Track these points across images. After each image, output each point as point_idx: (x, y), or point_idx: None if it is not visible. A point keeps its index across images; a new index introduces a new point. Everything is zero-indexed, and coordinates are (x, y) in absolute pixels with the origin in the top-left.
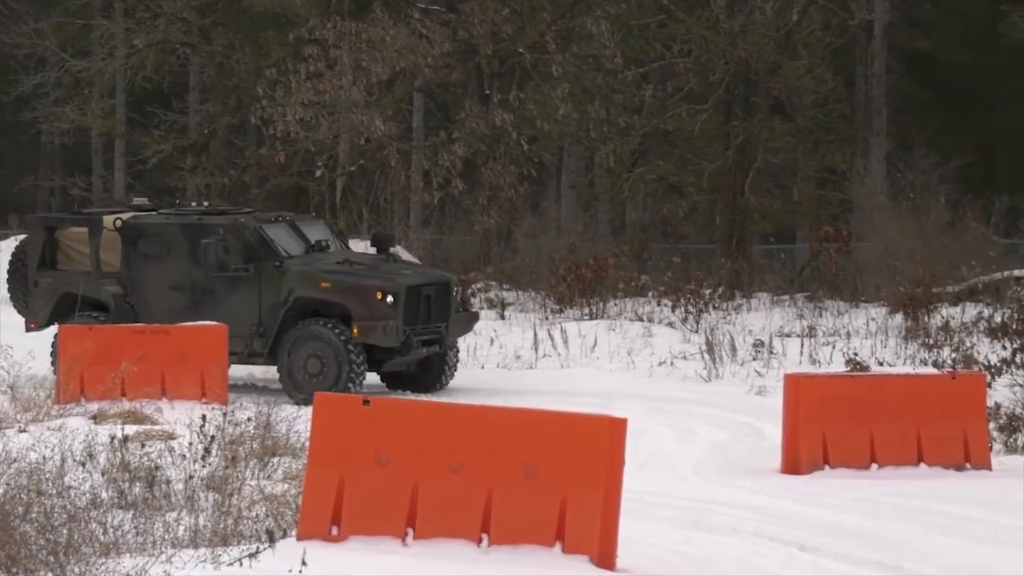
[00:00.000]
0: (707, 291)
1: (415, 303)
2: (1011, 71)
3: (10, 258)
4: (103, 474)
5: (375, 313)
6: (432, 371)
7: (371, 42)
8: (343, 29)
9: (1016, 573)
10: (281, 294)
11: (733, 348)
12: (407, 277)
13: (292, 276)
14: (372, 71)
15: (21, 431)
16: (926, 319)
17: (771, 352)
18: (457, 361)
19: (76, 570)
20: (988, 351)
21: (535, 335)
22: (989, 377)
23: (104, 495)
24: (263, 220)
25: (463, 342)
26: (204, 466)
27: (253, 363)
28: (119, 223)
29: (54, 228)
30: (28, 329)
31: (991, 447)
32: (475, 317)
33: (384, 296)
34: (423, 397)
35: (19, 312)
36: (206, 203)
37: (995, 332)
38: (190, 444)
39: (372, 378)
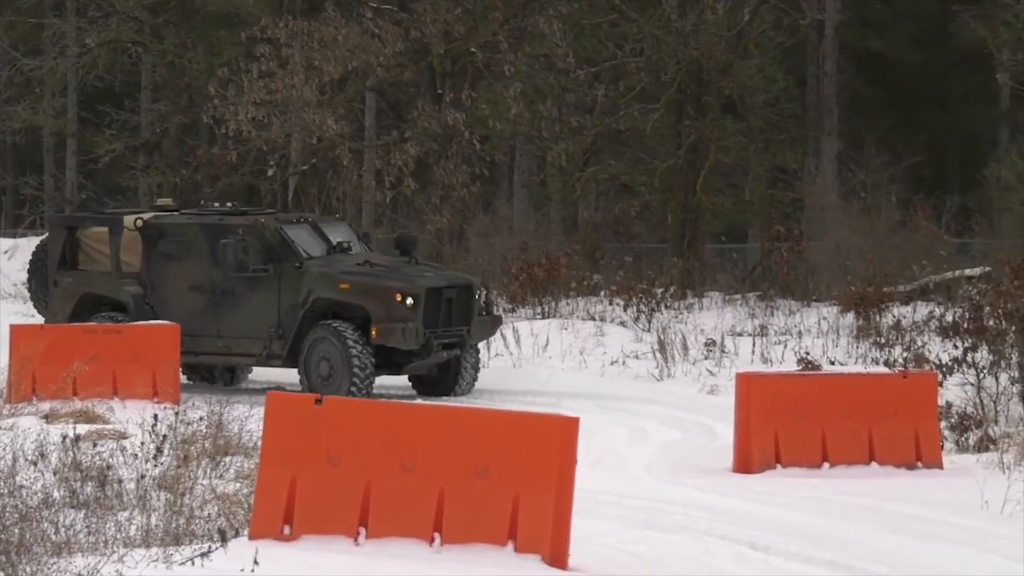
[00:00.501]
0: (659, 290)
1: (436, 306)
2: (962, 71)
3: (31, 257)
4: (55, 473)
5: (394, 315)
6: (450, 375)
7: (323, 41)
8: (295, 28)
9: (966, 572)
10: (300, 295)
11: (685, 347)
12: (428, 279)
13: (312, 277)
14: (324, 70)
15: None
16: (877, 318)
17: (723, 351)
18: (478, 365)
19: (28, 569)
20: (939, 350)
21: None
22: (940, 376)
23: (56, 494)
24: (284, 221)
25: None
26: (156, 465)
27: (271, 365)
28: (140, 223)
29: (74, 227)
30: None
31: (942, 446)
32: (498, 321)
33: (404, 298)
34: (447, 400)
35: (40, 312)
36: (229, 204)
37: (946, 331)
38: (142, 443)
39: (400, 382)
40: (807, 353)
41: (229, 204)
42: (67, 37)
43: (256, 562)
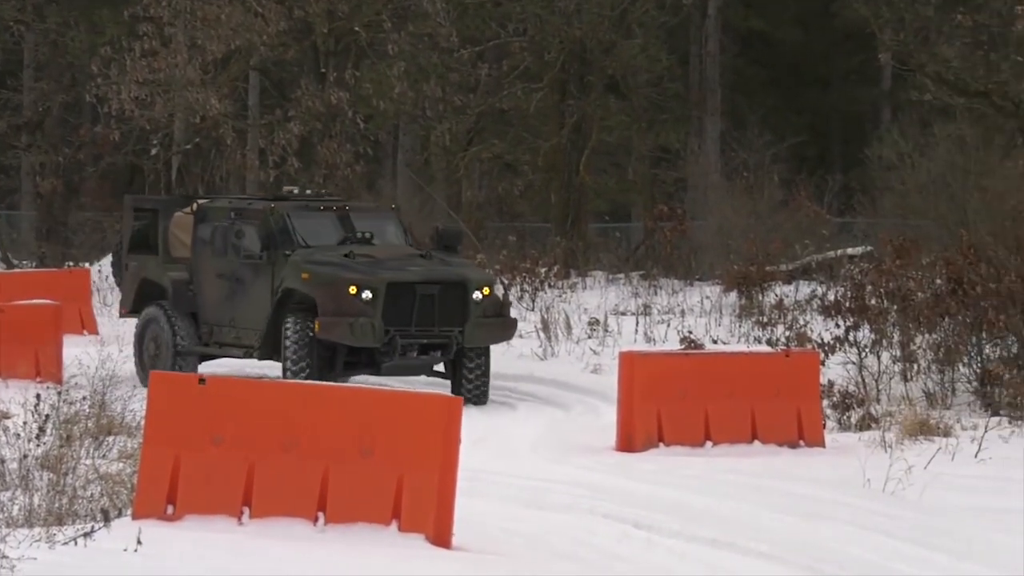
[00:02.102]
0: (543, 269)
1: (406, 302)
2: (844, 50)
3: (116, 241)
4: None
5: (345, 309)
6: (454, 381)
7: (206, 20)
8: (178, 7)
9: (848, 550)
10: (275, 284)
11: (568, 326)
12: (400, 273)
13: (287, 267)
14: (207, 49)
15: None
16: (760, 297)
17: (606, 330)
18: (482, 372)
19: None
20: (821, 329)
21: None
22: (822, 355)
23: None
24: (299, 207)
25: None
26: (39, 445)
27: (257, 357)
28: (196, 207)
29: (142, 209)
30: (120, 314)
31: (824, 424)
32: (511, 324)
33: (359, 291)
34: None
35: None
36: (309, 190)
37: (828, 310)
38: (24, 423)
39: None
40: (690, 332)
41: (308, 190)
42: None
43: (139, 542)
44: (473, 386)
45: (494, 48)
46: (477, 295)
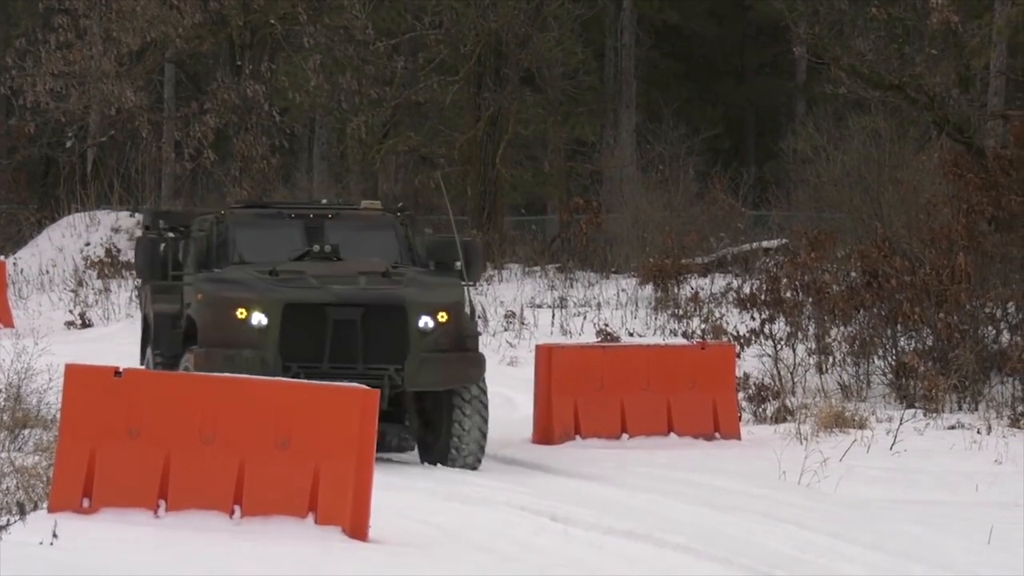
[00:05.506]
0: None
1: (314, 330)
2: (758, 43)
3: None
4: None
5: (231, 338)
6: (429, 433)
7: (121, 12)
8: None
9: (763, 542)
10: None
11: (485, 319)
12: (309, 293)
13: (190, 288)
14: (123, 41)
15: None
16: (675, 290)
17: (522, 323)
18: (472, 421)
19: None
20: (737, 322)
21: None
22: (738, 347)
23: None
24: (255, 216)
25: None
26: None
27: None
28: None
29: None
30: None
31: (740, 417)
32: (475, 361)
33: (249, 315)
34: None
35: None
36: (401, 203)
37: (743, 303)
38: None
39: None
40: (606, 325)
41: (400, 203)
42: None
43: (55, 535)
44: (445, 443)
45: (410, 41)
46: (425, 322)
